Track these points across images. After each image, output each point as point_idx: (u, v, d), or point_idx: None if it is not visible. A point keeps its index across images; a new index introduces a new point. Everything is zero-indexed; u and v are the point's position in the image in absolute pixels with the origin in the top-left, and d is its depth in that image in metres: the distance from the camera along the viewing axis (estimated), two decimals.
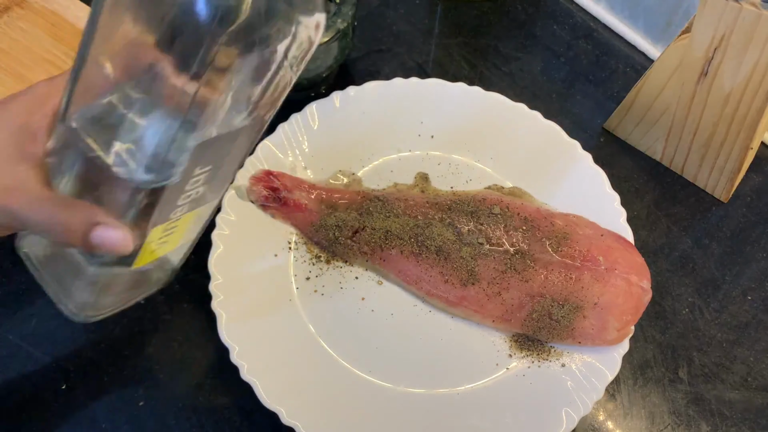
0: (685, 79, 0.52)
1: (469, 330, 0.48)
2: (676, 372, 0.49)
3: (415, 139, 0.55)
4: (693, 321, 0.52)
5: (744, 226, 0.57)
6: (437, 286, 0.47)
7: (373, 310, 0.48)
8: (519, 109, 0.55)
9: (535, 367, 0.46)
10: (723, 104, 0.51)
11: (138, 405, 0.45)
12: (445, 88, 0.56)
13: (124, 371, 0.46)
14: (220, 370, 0.45)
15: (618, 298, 0.46)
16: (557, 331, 0.46)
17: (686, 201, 0.57)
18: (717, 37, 0.48)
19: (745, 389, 0.49)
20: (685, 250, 0.55)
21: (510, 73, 0.63)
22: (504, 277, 0.47)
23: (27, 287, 0.48)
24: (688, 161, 0.57)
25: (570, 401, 0.44)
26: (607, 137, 0.60)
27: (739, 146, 0.53)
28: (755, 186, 0.59)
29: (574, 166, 0.53)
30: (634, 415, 0.48)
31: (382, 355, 0.47)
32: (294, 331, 0.46)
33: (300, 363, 0.45)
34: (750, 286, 0.54)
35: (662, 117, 0.56)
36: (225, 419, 0.45)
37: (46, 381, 0.45)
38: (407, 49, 0.63)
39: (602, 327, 0.46)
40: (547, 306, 0.46)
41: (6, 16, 0.57)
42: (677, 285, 0.53)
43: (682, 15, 0.61)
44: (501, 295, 0.47)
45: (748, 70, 0.48)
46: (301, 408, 0.43)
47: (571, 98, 0.62)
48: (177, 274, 0.39)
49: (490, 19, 0.66)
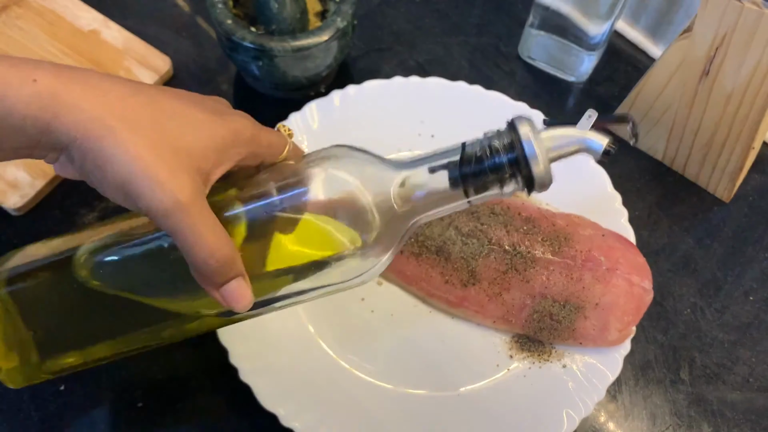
0: (686, 78, 0.52)
1: (469, 331, 0.48)
2: (677, 373, 0.49)
3: (415, 138, 0.55)
4: (695, 321, 0.52)
5: (746, 226, 0.56)
6: (438, 286, 0.47)
7: (373, 310, 0.48)
8: (520, 109, 0.55)
9: (536, 368, 0.46)
10: (725, 104, 0.51)
11: (136, 406, 0.45)
12: (446, 87, 0.55)
13: (122, 372, 0.46)
14: (219, 371, 0.45)
15: (619, 299, 0.46)
16: (558, 332, 0.46)
17: (688, 201, 0.57)
18: (719, 37, 0.48)
19: (747, 390, 0.49)
20: (687, 251, 0.55)
21: (511, 72, 0.63)
22: (505, 277, 0.47)
23: None
24: (689, 161, 0.57)
25: (571, 402, 0.44)
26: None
27: (741, 146, 0.53)
28: (757, 186, 0.59)
29: (575, 165, 0.53)
30: (636, 416, 0.48)
31: (382, 356, 0.46)
32: (293, 331, 0.46)
33: (299, 364, 0.45)
34: (752, 286, 0.54)
35: (664, 116, 0.55)
36: (225, 420, 0.45)
37: (44, 383, 0.45)
38: (407, 48, 0.63)
39: (603, 327, 0.45)
40: (548, 306, 0.46)
41: (4, 15, 0.57)
42: (679, 285, 0.53)
43: (684, 14, 0.60)
44: (502, 296, 0.47)
45: (750, 69, 0.48)
46: (300, 409, 0.42)
47: (572, 98, 0.62)
48: None
49: (490, 17, 0.66)
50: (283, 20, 0.52)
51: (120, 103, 0.28)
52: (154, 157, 0.27)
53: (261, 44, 0.50)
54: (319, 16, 0.56)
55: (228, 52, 0.53)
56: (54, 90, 0.26)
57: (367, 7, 0.65)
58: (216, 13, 0.51)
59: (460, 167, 0.31)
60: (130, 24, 0.59)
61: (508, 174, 0.31)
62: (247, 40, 0.50)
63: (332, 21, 0.52)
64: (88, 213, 0.51)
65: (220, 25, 0.51)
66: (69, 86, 0.27)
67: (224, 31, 0.51)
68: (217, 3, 0.52)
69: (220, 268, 0.29)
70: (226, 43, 0.52)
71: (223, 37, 0.52)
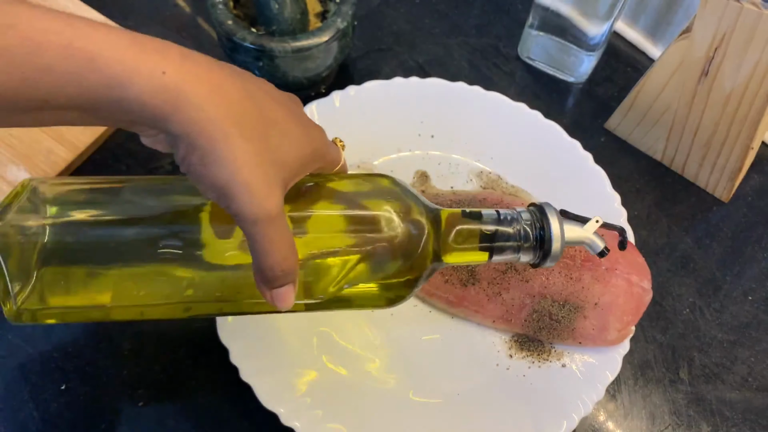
0: (685, 78, 0.52)
1: (469, 330, 0.48)
2: (676, 372, 0.49)
3: (415, 138, 0.55)
4: (694, 321, 0.52)
5: (745, 226, 0.57)
6: (437, 286, 0.47)
7: (373, 310, 0.48)
8: (519, 109, 0.55)
9: (535, 368, 0.46)
10: (724, 104, 0.51)
11: (137, 405, 0.45)
12: (446, 87, 0.56)
13: (123, 372, 0.46)
14: (219, 371, 0.45)
15: (618, 299, 0.46)
16: (557, 332, 0.46)
17: (687, 201, 0.57)
18: (718, 37, 0.48)
19: (746, 390, 0.49)
20: (686, 250, 0.55)
21: (510, 72, 0.63)
22: (504, 277, 0.47)
23: None
24: (688, 161, 0.57)
25: (570, 401, 0.44)
26: (607, 137, 0.60)
27: (740, 146, 0.53)
28: (756, 186, 0.59)
29: (575, 166, 0.53)
30: (635, 416, 0.48)
31: (382, 355, 0.46)
32: (293, 331, 0.46)
33: (299, 364, 0.45)
34: (751, 286, 0.54)
35: (663, 117, 0.56)
36: (225, 419, 0.45)
37: (46, 381, 0.45)
38: (407, 49, 0.63)
39: (603, 327, 0.46)
40: (547, 306, 0.46)
41: None
42: (678, 285, 0.53)
43: (683, 14, 0.60)
44: (501, 296, 0.47)
45: (749, 69, 0.48)
46: (300, 409, 0.42)
47: (571, 98, 0.62)
48: None
49: (490, 18, 0.66)
50: (283, 21, 0.52)
51: (237, 107, 0.29)
52: (256, 168, 0.29)
53: (261, 45, 0.50)
54: (320, 17, 0.56)
55: (228, 53, 0.53)
56: (180, 87, 0.27)
57: (367, 7, 0.65)
58: (216, 14, 0.51)
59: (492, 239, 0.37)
60: (130, 24, 0.59)
61: (528, 245, 0.37)
62: (248, 41, 0.50)
63: (332, 22, 0.52)
64: None
65: (221, 26, 0.51)
66: (195, 86, 0.27)
67: (225, 32, 0.51)
68: (218, 3, 0.52)
69: (282, 277, 0.31)
70: (226, 43, 0.52)
71: (223, 37, 0.52)
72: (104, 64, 0.26)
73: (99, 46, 0.26)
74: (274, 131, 0.30)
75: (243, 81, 0.30)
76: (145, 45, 0.27)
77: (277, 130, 0.31)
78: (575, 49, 0.60)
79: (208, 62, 0.29)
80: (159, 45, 0.28)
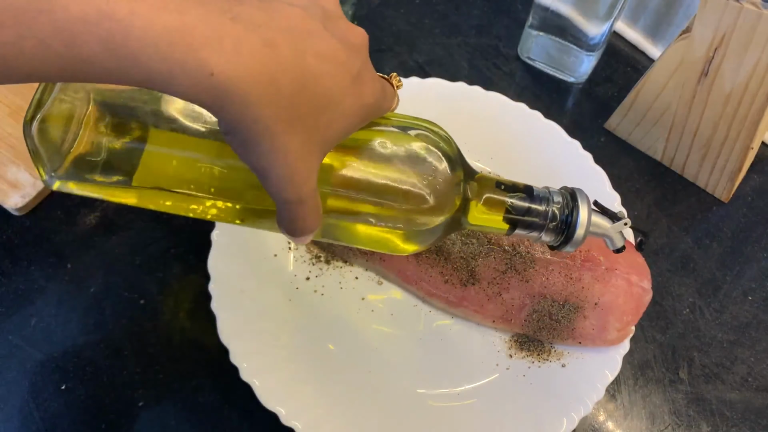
0: (685, 78, 0.52)
1: (469, 330, 0.48)
2: (676, 372, 0.49)
3: None
4: (693, 321, 0.52)
5: (745, 226, 0.57)
6: (437, 286, 0.47)
7: (373, 310, 0.48)
8: (519, 109, 0.55)
9: (535, 368, 0.46)
10: (723, 104, 0.51)
11: (138, 405, 0.45)
12: (446, 87, 0.56)
13: (123, 372, 0.46)
14: (220, 371, 0.45)
15: (618, 299, 0.46)
16: (557, 332, 0.46)
17: (687, 201, 0.57)
18: (717, 37, 0.48)
19: (746, 389, 0.49)
20: (686, 250, 0.55)
21: (510, 72, 0.63)
22: (504, 277, 0.47)
23: (27, 287, 0.48)
24: (688, 161, 0.57)
25: (570, 401, 0.44)
26: (607, 137, 0.60)
27: (740, 146, 0.53)
28: (756, 186, 0.59)
29: (575, 165, 0.53)
30: (635, 416, 0.48)
31: (382, 355, 0.47)
32: (294, 331, 0.46)
33: (300, 363, 0.45)
34: (750, 286, 0.54)
35: (663, 117, 0.56)
36: (225, 419, 0.45)
37: (46, 381, 0.45)
38: (407, 49, 0.63)
39: (603, 327, 0.46)
40: (547, 306, 0.46)
41: None
42: (678, 285, 0.53)
43: (683, 15, 0.61)
44: (501, 296, 0.47)
45: (749, 69, 0.48)
46: (300, 408, 0.42)
47: (571, 98, 0.62)
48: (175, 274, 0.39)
49: (490, 18, 0.66)
50: None
51: (288, 101, 0.27)
52: (297, 161, 0.28)
53: None
54: None
55: None
56: (229, 89, 0.25)
57: (367, 7, 0.65)
58: None
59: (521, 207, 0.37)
60: None
61: (553, 225, 0.37)
62: None
63: None
64: (89, 213, 0.52)
65: None
66: (245, 86, 0.26)
67: None
68: None
69: (301, 237, 0.32)
70: None
71: None
72: (146, 62, 0.24)
73: (141, 42, 0.24)
74: (325, 113, 0.29)
75: (303, 59, 0.28)
76: (194, 33, 0.24)
77: (330, 109, 0.29)
78: (575, 49, 0.60)
79: (266, 45, 0.26)
80: (212, 31, 0.25)
